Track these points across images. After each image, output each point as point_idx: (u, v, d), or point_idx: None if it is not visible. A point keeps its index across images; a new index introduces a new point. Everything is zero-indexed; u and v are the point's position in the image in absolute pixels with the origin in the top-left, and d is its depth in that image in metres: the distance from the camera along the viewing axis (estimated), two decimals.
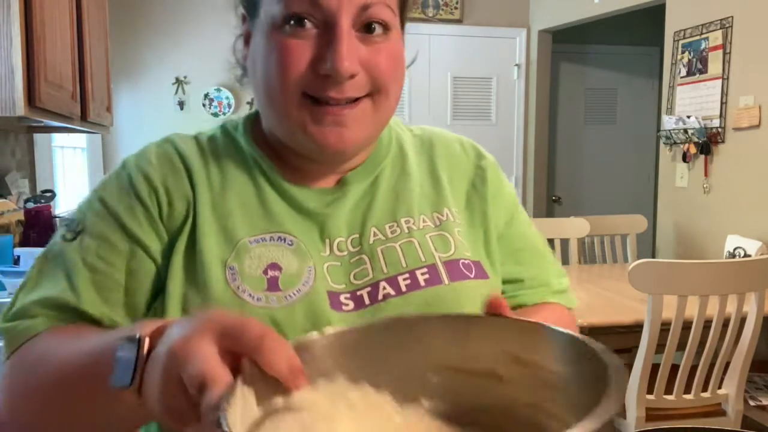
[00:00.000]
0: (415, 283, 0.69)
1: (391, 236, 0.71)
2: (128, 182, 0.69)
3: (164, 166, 0.70)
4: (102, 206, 0.68)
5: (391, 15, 0.65)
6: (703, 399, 2.05)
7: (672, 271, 1.89)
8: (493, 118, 4.67)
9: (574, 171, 5.06)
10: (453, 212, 0.76)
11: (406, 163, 0.77)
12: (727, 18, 3.01)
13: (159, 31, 4.31)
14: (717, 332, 1.97)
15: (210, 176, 0.70)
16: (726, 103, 3.03)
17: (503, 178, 0.83)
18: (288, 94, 0.64)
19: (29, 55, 1.70)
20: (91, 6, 2.49)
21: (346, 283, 0.69)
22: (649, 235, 3.81)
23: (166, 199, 0.68)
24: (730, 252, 2.81)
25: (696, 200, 3.25)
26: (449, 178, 0.78)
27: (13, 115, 1.66)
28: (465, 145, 0.82)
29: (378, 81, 0.65)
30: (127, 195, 0.68)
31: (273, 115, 0.68)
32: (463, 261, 0.72)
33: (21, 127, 2.51)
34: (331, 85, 0.63)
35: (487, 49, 4.59)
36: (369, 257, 0.70)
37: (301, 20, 0.63)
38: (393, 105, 0.69)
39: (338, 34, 0.62)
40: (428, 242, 0.72)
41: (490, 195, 0.79)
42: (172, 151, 0.71)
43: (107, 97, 2.75)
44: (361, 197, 0.73)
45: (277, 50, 0.63)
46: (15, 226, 2.27)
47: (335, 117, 0.64)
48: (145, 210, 0.67)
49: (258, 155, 0.72)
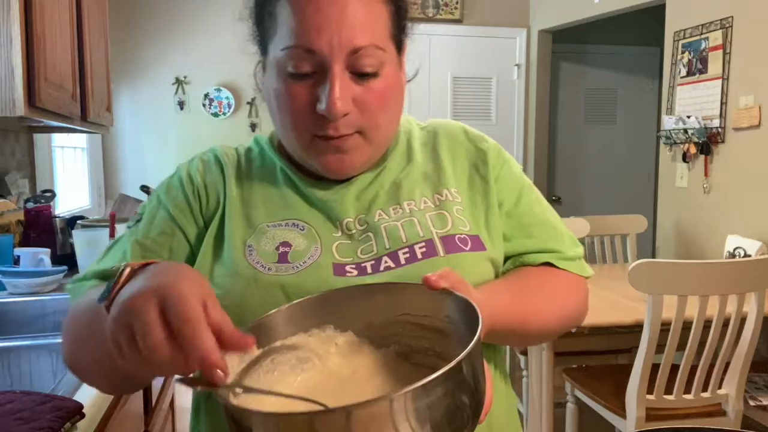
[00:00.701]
0: (414, 256, 0.77)
1: (394, 216, 0.80)
2: (178, 182, 0.84)
3: (205, 169, 0.85)
4: (156, 200, 0.84)
5: (380, 54, 0.74)
6: (703, 399, 2.05)
7: (672, 271, 1.89)
8: (493, 118, 4.67)
9: (574, 171, 5.06)
10: (452, 192, 0.83)
11: (412, 156, 0.86)
12: (727, 18, 3.01)
13: (159, 31, 4.31)
14: (717, 332, 1.97)
15: (240, 176, 0.84)
16: (726, 103, 3.03)
17: (508, 159, 0.90)
18: (298, 134, 0.76)
19: (29, 55, 1.70)
20: (91, 6, 2.49)
21: (353, 257, 0.78)
22: (649, 235, 3.81)
23: (205, 194, 0.83)
24: (730, 252, 2.81)
25: (696, 200, 3.25)
26: (451, 161, 0.86)
27: (13, 115, 1.66)
28: (468, 133, 0.90)
29: (367, 120, 0.75)
30: (176, 192, 0.83)
31: (287, 144, 0.81)
32: (459, 236, 0.79)
33: (21, 127, 2.51)
34: (327, 124, 0.73)
35: (487, 49, 4.59)
36: (374, 234, 0.79)
37: (301, 68, 0.72)
38: (389, 132, 0.80)
39: (331, 79, 0.71)
40: (427, 220, 0.80)
41: (491, 175, 0.85)
42: (212, 158, 0.86)
43: (107, 97, 2.75)
44: (367, 186, 0.82)
45: (284, 94, 0.75)
46: (15, 226, 2.27)
47: (336, 147, 0.76)
48: (187, 204, 0.82)
49: (281, 162, 0.84)
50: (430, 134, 0.89)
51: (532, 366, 2.44)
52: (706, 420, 2.05)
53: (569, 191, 5.03)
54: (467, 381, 0.51)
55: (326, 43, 0.70)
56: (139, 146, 4.40)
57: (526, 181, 0.90)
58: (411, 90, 4.42)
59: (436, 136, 0.88)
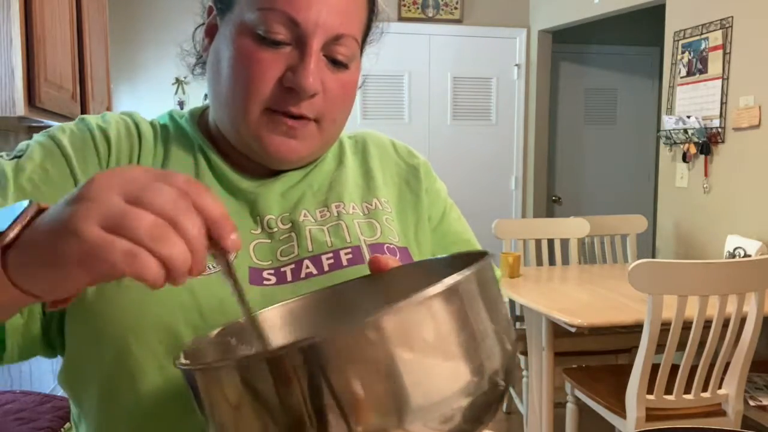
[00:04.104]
0: (338, 262, 0.72)
1: (320, 219, 0.75)
2: (89, 133, 0.71)
3: (121, 130, 0.73)
4: (53, 143, 0.70)
5: (355, 47, 0.71)
6: (703, 399, 2.05)
7: (672, 271, 1.89)
8: (493, 118, 4.67)
9: (574, 171, 5.06)
10: (382, 201, 0.80)
11: (343, 159, 0.82)
12: (727, 18, 3.01)
13: (159, 31, 4.31)
14: (717, 332, 1.97)
15: (156, 149, 0.74)
16: (726, 103, 3.03)
17: (435, 176, 0.88)
18: (251, 105, 0.68)
19: (29, 55, 1.70)
20: (91, 6, 2.49)
21: (272, 260, 0.71)
22: (649, 235, 3.81)
23: (116, 157, 0.71)
24: (730, 252, 2.81)
25: (696, 200, 3.25)
26: (381, 172, 0.83)
27: (13, 115, 1.66)
28: (397, 146, 0.88)
29: (329, 108, 0.70)
30: (83, 142, 0.71)
31: (227, 117, 0.71)
32: (388, 245, 0.75)
33: (21, 127, 2.51)
34: (291, 99, 0.67)
35: (487, 49, 4.59)
36: (297, 235, 0.73)
37: (276, 35, 0.66)
38: (339, 130, 0.76)
39: (308, 53, 0.66)
40: (355, 226, 0.75)
41: (422, 190, 0.84)
42: (131, 121, 0.75)
43: (107, 97, 2.75)
44: (295, 184, 0.76)
45: (247, 60, 0.67)
46: None
47: (289, 129, 0.69)
48: (98, 160, 0.70)
49: (201, 140, 0.75)
50: (359, 143, 0.86)
51: (532, 366, 2.44)
52: (706, 420, 2.05)
53: (569, 191, 5.03)
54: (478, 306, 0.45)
55: (313, 18, 0.66)
56: None
57: (449, 200, 0.89)
58: (411, 90, 4.44)
59: (366, 145, 0.85)
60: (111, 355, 0.64)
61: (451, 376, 0.43)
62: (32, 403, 0.98)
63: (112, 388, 0.66)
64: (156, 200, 0.40)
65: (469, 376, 0.43)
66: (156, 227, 0.39)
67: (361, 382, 0.40)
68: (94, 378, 0.67)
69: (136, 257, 0.39)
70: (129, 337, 0.63)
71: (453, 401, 0.42)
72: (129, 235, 0.39)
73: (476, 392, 0.44)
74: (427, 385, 0.41)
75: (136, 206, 0.40)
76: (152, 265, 0.39)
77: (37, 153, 0.68)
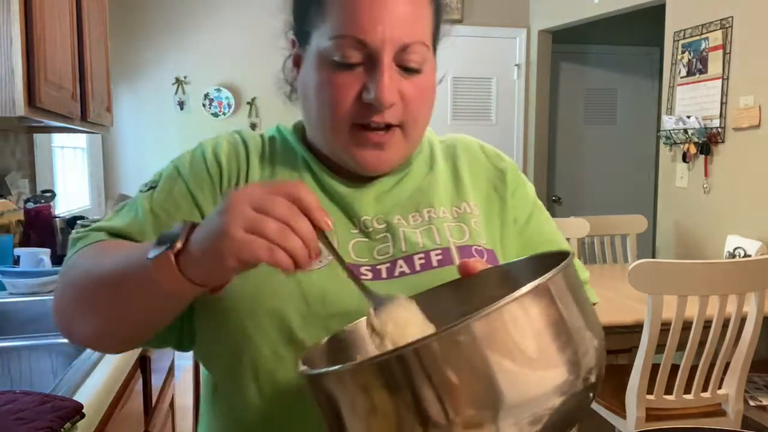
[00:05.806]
0: (429, 263, 0.77)
1: (413, 224, 0.81)
2: (201, 158, 0.82)
3: (231, 150, 0.83)
4: (176, 172, 0.82)
5: (425, 51, 0.75)
6: (703, 399, 2.05)
7: (672, 271, 1.89)
8: (493, 118, 4.67)
9: (574, 171, 5.06)
10: (471, 205, 0.84)
11: (434, 164, 0.87)
12: (727, 18, 3.01)
13: (159, 31, 4.31)
14: (717, 332, 1.97)
15: (263, 163, 0.83)
16: (726, 103, 3.03)
17: (523, 179, 0.92)
18: (338, 124, 0.75)
19: (29, 55, 1.70)
20: (91, 6, 2.49)
21: (369, 258, 0.78)
22: (649, 235, 3.81)
23: (227, 176, 0.81)
24: (730, 252, 2.81)
25: (696, 200, 3.25)
26: (470, 176, 0.87)
27: (13, 115, 1.66)
28: (486, 150, 0.92)
29: (410, 113, 0.76)
30: (198, 167, 0.81)
31: (321, 137, 0.80)
32: (476, 247, 0.80)
33: (21, 127, 2.51)
34: (372, 112, 0.74)
35: (487, 49, 4.59)
36: (392, 235, 0.79)
37: (350, 59, 0.73)
38: (422, 130, 0.81)
39: (381, 69, 0.72)
40: (445, 230, 0.81)
41: (509, 194, 0.87)
42: (239, 140, 0.85)
43: (107, 97, 2.75)
44: (389, 189, 0.82)
45: (328, 85, 0.74)
46: (15, 226, 2.27)
47: (376, 141, 0.76)
48: (210, 182, 0.80)
49: (304, 151, 0.84)
50: (450, 149, 0.90)
51: None
52: (706, 420, 2.05)
53: (569, 191, 5.03)
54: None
55: (379, 36, 0.71)
56: (139, 146, 4.40)
57: (537, 201, 0.92)
58: None
59: (456, 150, 0.89)
60: (233, 339, 0.74)
61: (548, 376, 0.46)
62: (32, 403, 0.98)
63: (236, 366, 0.76)
64: (275, 210, 0.54)
65: (566, 374, 0.47)
66: (280, 230, 0.54)
67: (461, 378, 0.44)
68: (221, 358, 0.78)
69: (273, 251, 0.54)
70: (247, 321, 0.73)
71: (547, 400, 0.46)
72: (263, 235, 0.54)
73: (570, 391, 0.47)
74: (524, 384, 0.45)
75: (263, 214, 0.54)
76: (283, 256, 0.54)
77: (164, 182, 0.82)
